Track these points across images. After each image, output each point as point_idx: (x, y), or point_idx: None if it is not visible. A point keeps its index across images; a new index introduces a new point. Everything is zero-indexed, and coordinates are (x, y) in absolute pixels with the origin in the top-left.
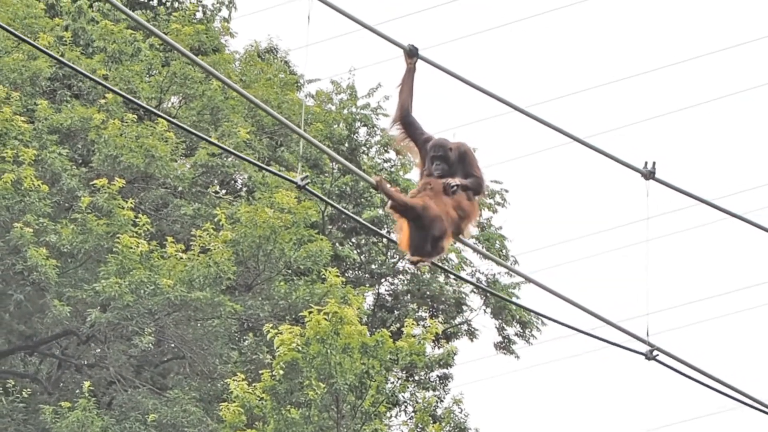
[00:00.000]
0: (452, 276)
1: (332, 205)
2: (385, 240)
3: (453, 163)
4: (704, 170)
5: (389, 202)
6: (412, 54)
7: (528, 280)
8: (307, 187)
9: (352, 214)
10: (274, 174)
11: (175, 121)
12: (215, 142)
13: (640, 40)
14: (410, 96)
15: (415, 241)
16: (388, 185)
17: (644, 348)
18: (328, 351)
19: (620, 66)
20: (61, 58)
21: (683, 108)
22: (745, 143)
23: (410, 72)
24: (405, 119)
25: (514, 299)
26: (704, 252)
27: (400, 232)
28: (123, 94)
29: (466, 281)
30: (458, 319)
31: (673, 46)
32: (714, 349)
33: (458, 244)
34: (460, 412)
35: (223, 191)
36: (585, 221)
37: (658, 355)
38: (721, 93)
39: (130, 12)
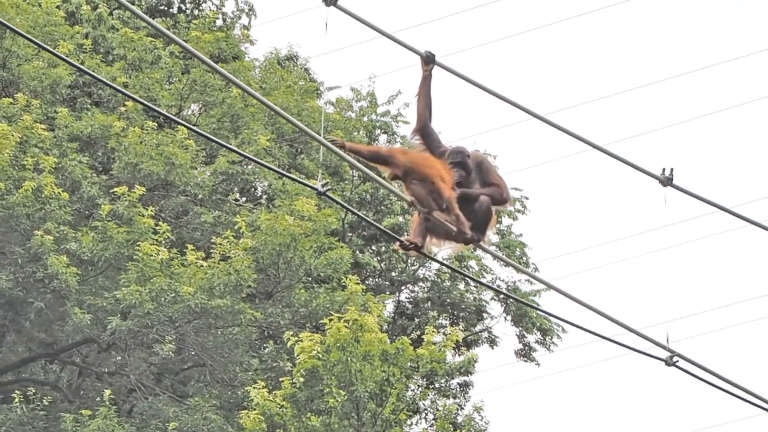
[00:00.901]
0: (473, 283)
1: (352, 211)
2: None
3: (471, 171)
4: (722, 177)
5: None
6: (428, 60)
7: (549, 286)
8: (327, 193)
9: (371, 221)
10: (295, 180)
11: (195, 128)
12: (236, 149)
13: (658, 47)
14: (428, 106)
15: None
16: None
17: (664, 354)
18: (349, 358)
19: (638, 73)
20: (80, 66)
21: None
22: (763, 150)
23: (426, 79)
24: (423, 130)
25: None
26: (722, 258)
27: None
28: (143, 101)
29: (488, 287)
30: (479, 327)
31: (691, 54)
32: (734, 356)
33: (479, 251)
34: (481, 420)
35: (244, 199)
36: (604, 228)
37: (678, 361)
38: (739, 100)
39: (150, 19)
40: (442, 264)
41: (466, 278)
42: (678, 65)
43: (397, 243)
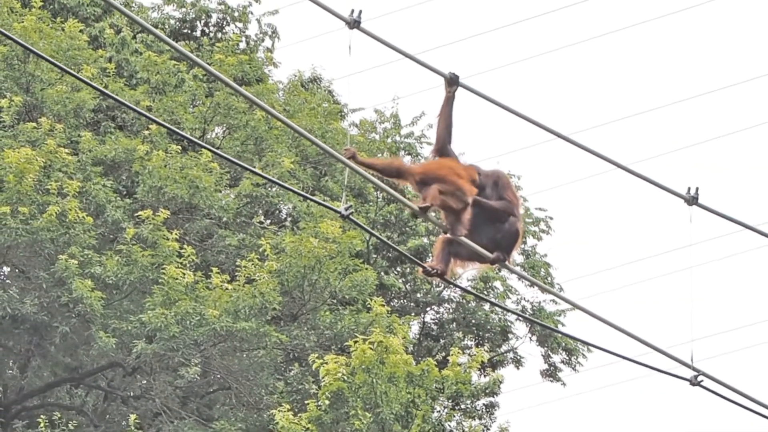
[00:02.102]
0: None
1: (373, 235)
2: None
3: (483, 187)
4: (748, 196)
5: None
6: (452, 82)
7: (574, 306)
8: (350, 216)
9: (392, 244)
10: (318, 203)
11: (218, 151)
12: (259, 172)
13: (683, 65)
14: (448, 127)
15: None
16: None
17: (689, 374)
18: (374, 380)
19: (663, 92)
20: (104, 90)
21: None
22: None
23: (449, 100)
24: (442, 151)
25: (559, 327)
26: (748, 277)
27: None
28: (167, 125)
29: (510, 311)
30: (504, 347)
31: (715, 72)
32: (760, 375)
33: (503, 272)
34: None
35: (268, 221)
36: (629, 248)
37: (702, 380)
38: (764, 118)
39: (173, 43)
40: (465, 290)
41: (491, 301)
42: (702, 84)
43: (420, 269)
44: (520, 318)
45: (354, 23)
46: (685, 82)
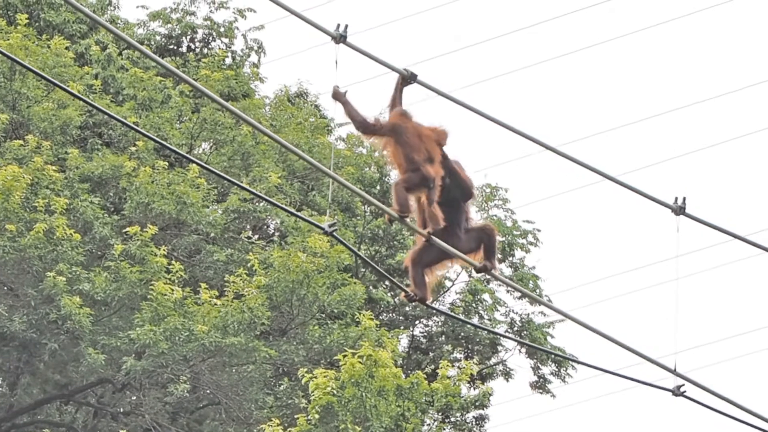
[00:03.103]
0: (486, 317)
1: (355, 253)
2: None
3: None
4: (735, 205)
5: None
6: (408, 79)
7: (564, 315)
8: (334, 233)
9: (373, 263)
10: (303, 219)
11: (207, 166)
12: (246, 187)
13: (669, 76)
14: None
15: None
16: (345, 96)
17: (672, 384)
18: (364, 394)
19: (649, 103)
20: (93, 103)
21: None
22: None
23: (400, 92)
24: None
25: (548, 339)
26: (737, 287)
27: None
28: (155, 138)
29: (497, 334)
30: (493, 360)
31: (702, 82)
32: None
33: (492, 284)
34: None
35: (256, 236)
36: (616, 258)
37: (686, 390)
38: (751, 128)
39: (159, 59)
40: (449, 316)
41: (479, 314)
42: (688, 94)
43: (403, 294)
44: (509, 330)
45: (340, 38)
46: (672, 92)
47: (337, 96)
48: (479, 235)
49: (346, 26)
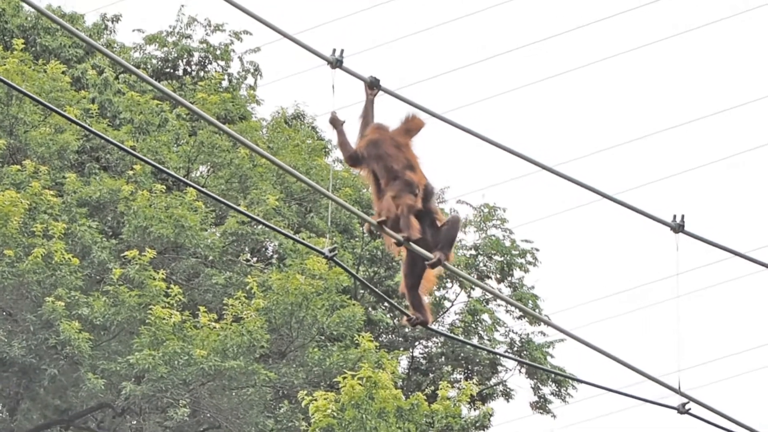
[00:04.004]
0: (486, 338)
1: (356, 278)
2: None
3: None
4: (734, 222)
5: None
6: (372, 86)
7: (565, 333)
8: (335, 258)
9: (373, 287)
10: (303, 244)
11: (203, 189)
12: (243, 211)
13: (665, 94)
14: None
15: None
16: (342, 126)
17: (677, 402)
18: (364, 416)
19: (646, 121)
20: (90, 128)
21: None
22: None
23: (371, 104)
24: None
25: (548, 359)
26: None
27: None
28: (152, 162)
29: (497, 354)
30: (493, 380)
31: (699, 100)
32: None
33: (491, 304)
34: None
35: (254, 259)
36: (616, 277)
37: (691, 408)
38: (749, 145)
39: (155, 83)
40: (450, 337)
41: (479, 334)
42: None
43: (405, 318)
44: (509, 350)
45: (336, 62)
46: (668, 110)
47: (335, 123)
48: (445, 229)
49: (342, 51)
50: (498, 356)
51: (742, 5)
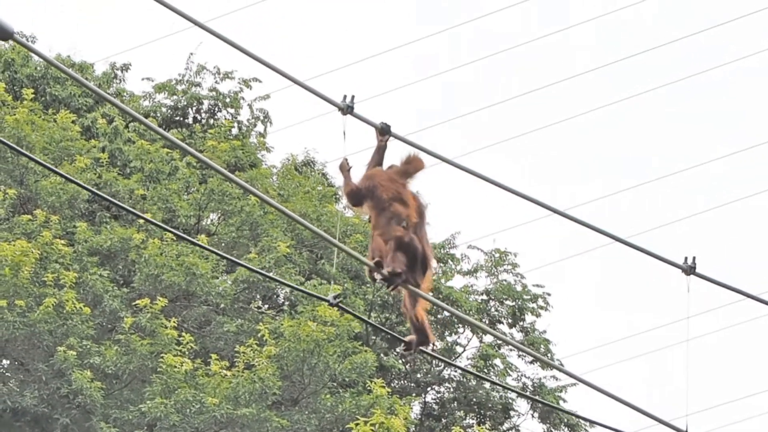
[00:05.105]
0: (499, 382)
1: (364, 321)
2: (429, 348)
3: None
4: (746, 264)
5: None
6: (384, 132)
7: (576, 379)
8: (340, 304)
9: (381, 326)
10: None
11: (207, 246)
12: (248, 265)
13: (675, 137)
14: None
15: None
16: (349, 171)
17: None
18: None
19: (656, 164)
20: (92, 189)
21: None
22: None
23: (380, 149)
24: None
25: (561, 403)
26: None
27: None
28: (157, 222)
29: (511, 389)
30: (506, 425)
31: (708, 142)
32: None
33: (503, 349)
34: None
35: (266, 306)
36: (627, 319)
37: None
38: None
39: (165, 132)
40: (464, 371)
41: (492, 375)
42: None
43: (403, 346)
44: (521, 395)
45: (347, 108)
46: (679, 153)
47: (342, 168)
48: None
49: (353, 97)
50: (511, 400)
51: (738, 47)
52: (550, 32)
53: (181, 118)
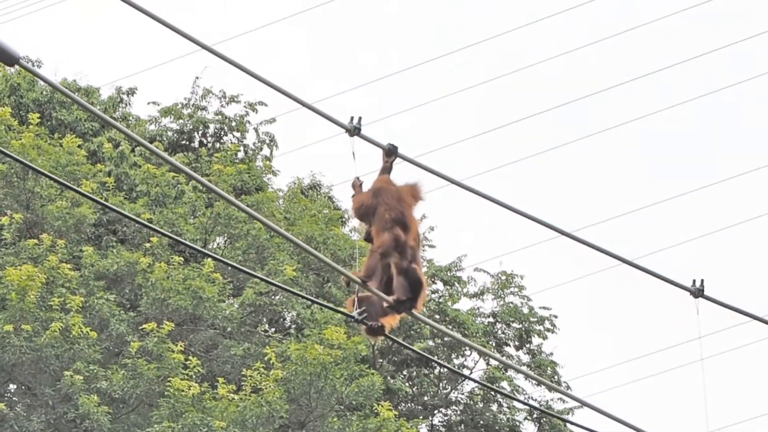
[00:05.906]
0: (505, 405)
1: (392, 339)
2: (436, 371)
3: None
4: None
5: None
6: (390, 153)
7: (582, 403)
8: (365, 320)
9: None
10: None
11: (222, 258)
12: (264, 278)
13: (682, 158)
14: None
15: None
16: (360, 186)
17: None
18: None
19: (663, 185)
20: (105, 203)
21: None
22: None
23: (386, 169)
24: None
25: (567, 425)
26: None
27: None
28: (169, 234)
29: (520, 401)
30: None
31: (717, 164)
32: None
33: (510, 371)
34: None
35: (273, 329)
36: (636, 342)
37: None
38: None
39: (170, 158)
40: (478, 382)
41: (498, 401)
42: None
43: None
44: (529, 417)
45: (354, 130)
46: (687, 174)
47: (354, 186)
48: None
49: (360, 118)
50: (518, 422)
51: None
52: (556, 54)
53: (187, 142)
